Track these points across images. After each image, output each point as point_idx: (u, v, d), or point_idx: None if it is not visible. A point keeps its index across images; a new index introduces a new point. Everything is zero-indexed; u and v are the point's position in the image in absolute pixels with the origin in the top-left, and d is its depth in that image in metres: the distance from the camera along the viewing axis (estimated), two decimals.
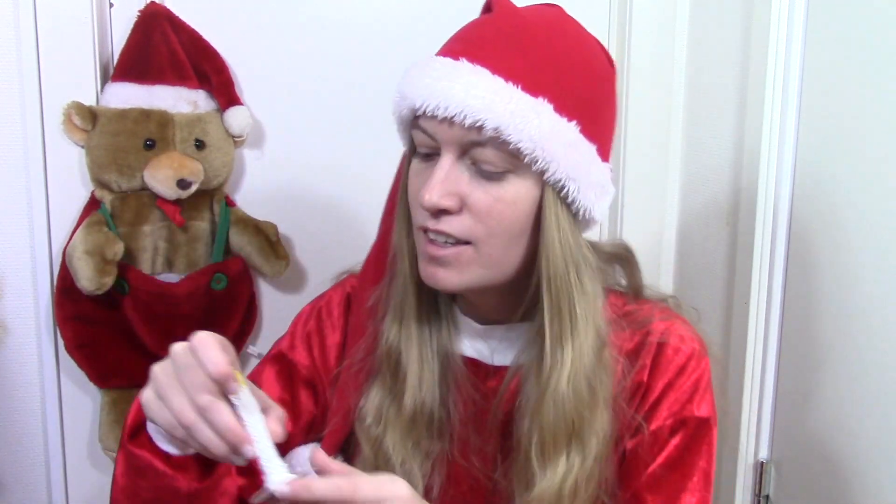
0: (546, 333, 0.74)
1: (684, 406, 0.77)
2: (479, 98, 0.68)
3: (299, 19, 1.20)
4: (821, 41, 1.02)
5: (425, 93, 0.70)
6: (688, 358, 0.78)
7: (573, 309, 0.73)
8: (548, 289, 0.73)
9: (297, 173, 1.22)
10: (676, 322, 0.80)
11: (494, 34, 0.72)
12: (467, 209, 0.71)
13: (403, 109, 0.73)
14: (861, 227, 0.95)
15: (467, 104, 0.68)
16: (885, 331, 0.91)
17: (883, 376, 0.91)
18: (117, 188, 1.10)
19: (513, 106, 0.69)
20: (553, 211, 0.72)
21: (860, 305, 0.95)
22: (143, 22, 1.10)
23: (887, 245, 0.90)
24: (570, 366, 0.73)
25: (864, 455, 0.95)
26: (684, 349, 0.78)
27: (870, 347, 0.93)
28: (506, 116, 0.68)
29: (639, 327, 0.80)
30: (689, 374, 0.78)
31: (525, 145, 0.69)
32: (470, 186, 0.71)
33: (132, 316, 1.11)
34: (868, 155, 0.94)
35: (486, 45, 0.72)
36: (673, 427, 0.77)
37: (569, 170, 0.71)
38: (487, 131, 0.68)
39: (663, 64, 1.27)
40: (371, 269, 0.86)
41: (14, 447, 1.18)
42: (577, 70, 0.73)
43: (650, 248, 1.31)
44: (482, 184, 0.71)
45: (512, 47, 0.71)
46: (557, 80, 0.71)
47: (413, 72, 0.73)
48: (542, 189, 0.72)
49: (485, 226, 0.71)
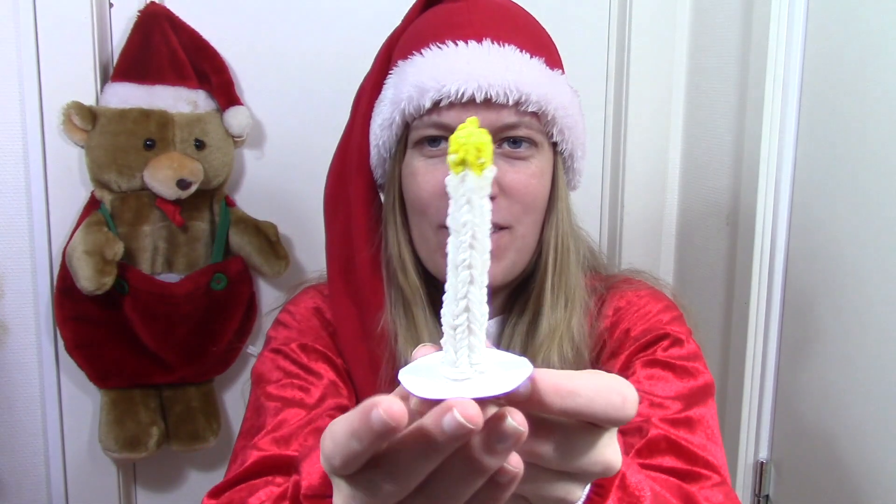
0: (545, 304, 0.75)
1: (651, 328, 0.78)
2: (518, 73, 0.70)
3: (299, 19, 1.20)
4: (821, 41, 1.02)
5: (461, 77, 0.69)
6: (646, 301, 0.81)
7: (569, 277, 0.77)
8: (553, 261, 0.75)
9: (297, 173, 1.22)
10: (637, 282, 0.84)
11: (492, 14, 0.74)
12: (502, 193, 0.72)
13: (416, 103, 0.72)
14: (861, 227, 0.95)
15: (511, 81, 0.69)
16: (886, 330, 0.91)
17: (883, 376, 0.91)
18: (117, 188, 1.10)
19: (544, 79, 0.72)
20: (563, 181, 0.78)
21: (860, 305, 0.95)
22: (143, 22, 1.10)
23: (887, 245, 0.90)
24: (559, 337, 0.75)
25: (865, 455, 0.95)
26: (641, 294, 0.81)
27: (870, 347, 0.93)
28: (543, 89, 0.71)
29: (604, 290, 0.83)
30: (647, 313, 0.80)
31: (559, 116, 0.72)
32: (501, 171, 0.72)
33: (132, 316, 1.11)
34: (868, 155, 0.94)
35: (497, 25, 0.73)
36: (645, 346, 0.77)
37: (580, 136, 0.76)
38: (530, 106, 0.70)
39: (663, 64, 1.27)
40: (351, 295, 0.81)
41: (14, 447, 1.18)
42: (551, 38, 0.79)
43: (650, 247, 1.31)
44: (512, 164, 0.73)
45: (519, 25, 0.75)
46: (552, 52, 0.77)
47: (426, 62, 0.72)
48: (554, 161, 0.74)
49: (522, 205, 0.73)
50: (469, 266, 0.37)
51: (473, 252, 0.37)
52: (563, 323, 0.75)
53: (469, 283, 0.37)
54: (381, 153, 0.79)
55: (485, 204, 0.37)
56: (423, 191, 0.74)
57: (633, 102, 1.27)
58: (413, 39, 0.76)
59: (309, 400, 0.77)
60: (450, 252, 0.38)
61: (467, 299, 0.37)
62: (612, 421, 0.38)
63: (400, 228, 0.78)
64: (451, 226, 0.37)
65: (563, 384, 0.36)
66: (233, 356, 1.21)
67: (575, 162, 0.78)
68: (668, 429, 0.70)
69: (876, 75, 0.92)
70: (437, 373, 0.38)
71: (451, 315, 0.38)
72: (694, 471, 0.69)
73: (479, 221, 0.37)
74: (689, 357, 0.77)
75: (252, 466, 0.71)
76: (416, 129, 0.74)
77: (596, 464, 0.39)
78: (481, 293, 0.38)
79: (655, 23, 1.26)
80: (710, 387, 0.77)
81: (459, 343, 0.38)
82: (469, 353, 0.37)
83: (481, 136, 0.36)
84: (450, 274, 0.38)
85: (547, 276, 0.76)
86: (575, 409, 0.37)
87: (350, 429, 0.35)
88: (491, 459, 0.35)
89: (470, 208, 0.37)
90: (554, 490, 0.40)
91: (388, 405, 0.33)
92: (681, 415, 0.72)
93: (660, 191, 1.30)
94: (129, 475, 1.25)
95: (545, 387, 0.36)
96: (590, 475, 0.40)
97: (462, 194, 0.37)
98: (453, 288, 0.38)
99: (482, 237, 0.37)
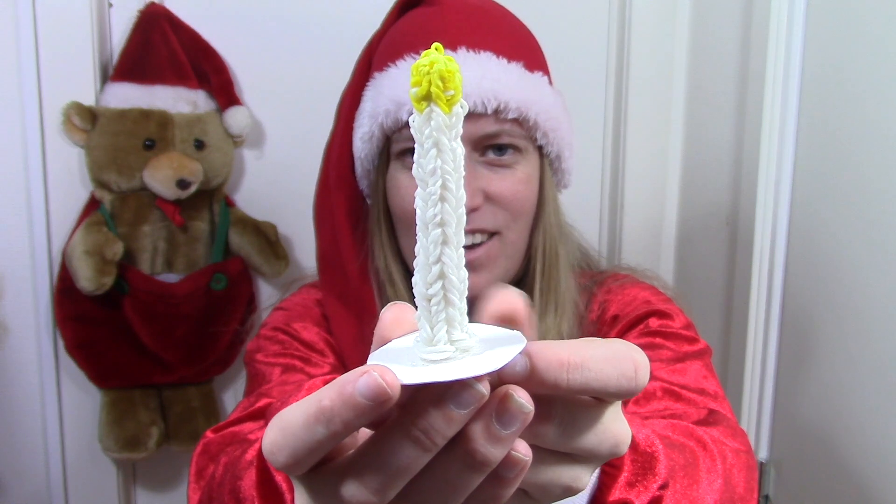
0: (535, 312, 0.75)
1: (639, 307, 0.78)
2: (495, 81, 0.69)
3: (299, 19, 1.20)
4: (821, 41, 1.02)
5: None
6: (630, 289, 0.81)
7: (558, 281, 0.76)
8: (542, 265, 0.74)
9: (297, 173, 1.22)
10: (623, 276, 0.84)
11: (466, 19, 0.73)
12: (489, 202, 0.72)
13: (393, 117, 0.71)
14: (861, 228, 0.95)
15: (488, 90, 0.68)
16: (886, 330, 0.91)
17: (883, 376, 0.91)
18: (117, 188, 1.10)
19: (523, 83, 0.70)
20: (551, 183, 0.76)
21: (860, 305, 0.95)
22: (143, 22, 1.10)
23: (887, 245, 0.90)
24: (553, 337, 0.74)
25: (865, 455, 0.94)
26: (625, 286, 0.81)
27: (870, 347, 0.93)
28: (522, 94, 0.70)
29: (593, 286, 0.82)
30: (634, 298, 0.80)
31: (542, 119, 0.71)
32: (486, 179, 0.71)
33: (132, 316, 1.11)
34: (868, 155, 0.93)
35: (472, 31, 0.71)
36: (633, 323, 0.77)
37: (567, 136, 0.74)
38: (510, 113, 0.69)
39: (663, 64, 1.27)
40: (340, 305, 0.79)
41: (14, 447, 1.18)
42: (532, 36, 0.77)
43: (650, 247, 1.31)
44: (497, 172, 0.72)
45: (495, 27, 0.73)
46: (533, 51, 0.75)
47: (402, 74, 0.72)
48: (541, 164, 0.74)
49: (510, 212, 0.73)
50: (441, 223, 0.31)
51: (445, 206, 0.31)
52: (553, 329, 0.75)
53: (442, 244, 0.31)
54: (364, 165, 0.79)
55: (457, 147, 0.31)
56: (408, 203, 0.73)
57: (633, 102, 1.27)
58: (388, 50, 0.76)
59: (316, 372, 0.73)
60: (418, 208, 0.32)
61: (441, 263, 0.31)
62: (624, 393, 0.33)
63: (386, 240, 0.77)
64: (416, 175, 0.31)
65: (566, 357, 0.31)
66: (233, 356, 1.21)
67: (563, 162, 0.77)
68: (664, 378, 0.70)
69: (876, 75, 0.92)
70: (413, 355, 0.32)
71: (423, 283, 0.32)
72: (691, 403, 0.68)
73: (451, 168, 0.31)
74: (684, 327, 0.77)
75: (257, 411, 0.68)
76: (397, 141, 0.74)
77: (603, 442, 0.34)
78: (458, 255, 0.32)
79: (655, 23, 1.25)
80: (707, 350, 0.77)
81: (436, 317, 0.32)
82: (448, 329, 0.32)
83: (448, 63, 0.30)
84: (420, 234, 0.32)
85: (536, 282, 0.75)
86: (583, 384, 0.32)
87: (314, 412, 0.30)
88: (494, 449, 0.30)
89: (438, 152, 0.31)
90: (557, 477, 0.35)
91: (381, 370, 0.29)
92: (676, 365, 0.72)
93: (660, 192, 1.30)
94: (129, 475, 1.25)
95: (546, 362, 0.31)
96: (597, 457, 0.35)
97: (427, 136, 0.31)
98: (424, 251, 0.32)
99: (455, 188, 0.31)
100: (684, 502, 0.50)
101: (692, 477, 0.52)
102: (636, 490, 0.45)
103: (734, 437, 0.63)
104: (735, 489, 0.57)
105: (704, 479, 0.53)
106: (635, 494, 0.45)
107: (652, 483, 0.46)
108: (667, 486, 0.46)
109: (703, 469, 0.54)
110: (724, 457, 0.57)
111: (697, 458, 0.54)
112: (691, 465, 0.53)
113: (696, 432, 0.58)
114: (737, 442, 0.62)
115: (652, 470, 0.46)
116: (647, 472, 0.46)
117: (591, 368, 0.32)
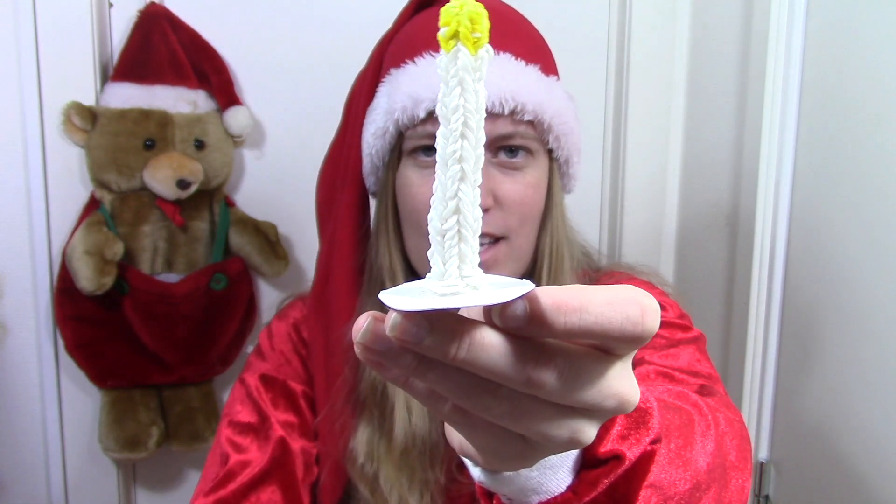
0: None
1: None
2: (514, 82, 0.69)
3: (299, 19, 1.20)
4: (821, 41, 1.02)
5: None
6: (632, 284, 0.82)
7: (563, 283, 0.76)
8: (548, 268, 0.74)
9: (297, 173, 1.22)
10: (618, 274, 0.85)
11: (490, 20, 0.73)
12: (498, 204, 0.72)
13: (410, 113, 0.72)
14: (861, 227, 0.95)
15: (506, 91, 0.69)
16: (886, 330, 0.91)
17: (883, 376, 0.91)
18: (117, 188, 1.10)
19: (540, 87, 0.71)
20: (559, 187, 0.77)
21: (860, 305, 0.95)
22: (143, 22, 1.10)
23: (887, 245, 0.90)
24: None
25: (865, 455, 0.94)
26: (624, 281, 0.82)
27: (870, 347, 0.93)
28: (539, 97, 0.70)
29: (589, 283, 0.83)
30: None
31: (555, 123, 0.72)
32: (496, 181, 0.72)
33: (132, 316, 1.11)
34: (868, 155, 0.93)
35: (492, 33, 0.72)
36: None
37: (576, 141, 0.75)
38: (525, 115, 0.69)
39: (663, 64, 1.27)
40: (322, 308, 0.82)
41: (14, 447, 1.18)
42: (545, 41, 0.77)
43: (650, 247, 1.31)
44: (508, 174, 0.72)
45: (514, 31, 0.73)
46: (548, 56, 0.75)
47: (420, 71, 0.72)
48: (550, 168, 0.74)
49: (518, 215, 0.73)
50: (460, 159, 0.32)
51: (465, 143, 0.32)
52: None
53: (460, 180, 0.32)
54: (373, 161, 0.78)
55: (479, 89, 0.33)
56: (419, 202, 0.73)
57: (633, 103, 1.27)
58: (406, 46, 0.76)
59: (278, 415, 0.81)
60: (439, 145, 0.33)
61: (458, 198, 0.32)
62: (629, 338, 0.32)
63: (392, 237, 0.77)
64: (440, 113, 0.33)
65: (566, 300, 0.31)
66: (233, 356, 1.21)
67: (571, 167, 0.77)
68: (657, 363, 0.70)
69: (876, 75, 0.92)
70: (424, 289, 0.33)
71: (438, 218, 0.33)
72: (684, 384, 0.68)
73: (473, 108, 0.32)
74: (678, 317, 0.78)
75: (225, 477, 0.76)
76: (410, 138, 0.74)
77: (608, 397, 0.34)
78: (474, 193, 0.33)
79: (655, 23, 1.25)
80: (701, 337, 0.78)
81: (448, 252, 0.32)
82: (459, 264, 0.33)
83: (476, 6, 0.32)
84: (439, 170, 0.33)
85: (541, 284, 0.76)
86: (582, 327, 0.31)
87: None
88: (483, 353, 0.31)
89: (462, 91, 0.32)
90: (559, 429, 0.34)
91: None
92: (669, 350, 0.73)
93: (660, 191, 1.30)
94: (129, 475, 1.25)
95: (546, 304, 0.30)
96: (602, 412, 0.34)
97: (453, 75, 0.32)
98: (442, 186, 0.33)
99: (476, 126, 0.32)
100: (678, 461, 0.49)
101: (686, 438, 0.51)
102: (628, 442, 0.44)
103: (728, 408, 0.63)
104: (726, 456, 0.56)
105: (699, 442, 0.53)
106: (627, 446, 0.44)
107: (644, 436, 0.45)
108: (659, 441, 0.45)
109: (699, 432, 0.53)
110: (717, 422, 0.56)
111: (693, 420, 0.54)
112: (686, 426, 0.52)
113: (692, 398, 0.58)
114: (730, 412, 0.62)
115: (645, 424, 0.45)
116: (639, 426, 0.45)
117: (591, 312, 0.31)
